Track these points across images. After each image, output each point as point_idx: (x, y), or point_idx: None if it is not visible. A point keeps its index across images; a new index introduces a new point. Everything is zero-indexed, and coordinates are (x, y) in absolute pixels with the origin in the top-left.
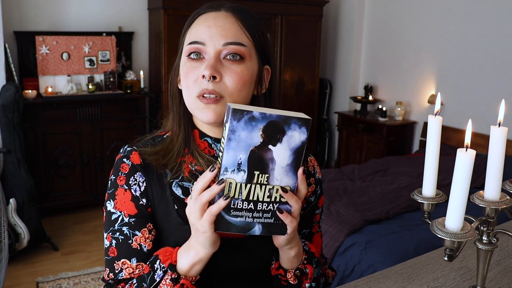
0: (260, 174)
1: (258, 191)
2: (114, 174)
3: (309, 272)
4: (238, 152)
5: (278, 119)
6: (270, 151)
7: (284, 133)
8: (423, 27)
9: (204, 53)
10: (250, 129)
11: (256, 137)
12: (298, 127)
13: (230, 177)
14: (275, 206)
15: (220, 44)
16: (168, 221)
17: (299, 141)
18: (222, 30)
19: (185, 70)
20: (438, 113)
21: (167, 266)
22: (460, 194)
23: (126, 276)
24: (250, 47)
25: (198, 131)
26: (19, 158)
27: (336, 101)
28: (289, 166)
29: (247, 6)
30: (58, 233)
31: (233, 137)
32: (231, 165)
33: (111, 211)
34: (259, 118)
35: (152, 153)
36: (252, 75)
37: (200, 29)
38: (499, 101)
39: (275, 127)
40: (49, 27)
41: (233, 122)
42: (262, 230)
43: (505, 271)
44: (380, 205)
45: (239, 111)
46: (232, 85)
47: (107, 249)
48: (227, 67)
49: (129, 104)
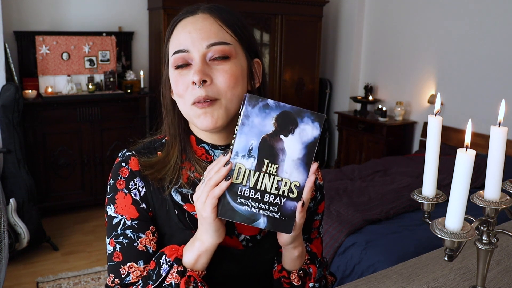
0: (270, 163)
1: (266, 181)
2: (113, 178)
3: (312, 272)
4: (250, 138)
5: (291, 110)
6: (282, 141)
7: (297, 125)
8: (423, 27)
9: (190, 60)
10: (263, 116)
11: (269, 124)
12: (311, 121)
13: (240, 162)
14: (282, 201)
15: (203, 47)
16: (169, 226)
17: (311, 136)
18: (202, 33)
19: (174, 80)
20: (438, 113)
21: (173, 259)
22: (460, 194)
23: (133, 280)
24: (234, 43)
25: (194, 138)
26: (19, 158)
27: (336, 101)
28: (300, 160)
29: (247, 7)
30: (58, 233)
31: (246, 122)
32: (242, 150)
33: (112, 215)
34: (273, 106)
35: (148, 165)
36: (242, 71)
37: (181, 37)
38: (499, 101)
39: (288, 117)
40: (49, 27)
41: (248, 108)
42: (267, 224)
43: (505, 271)
44: (380, 205)
45: (254, 97)
46: (224, 84)
47: (110, 254)
48: (215, 68)
49: (129, 104)
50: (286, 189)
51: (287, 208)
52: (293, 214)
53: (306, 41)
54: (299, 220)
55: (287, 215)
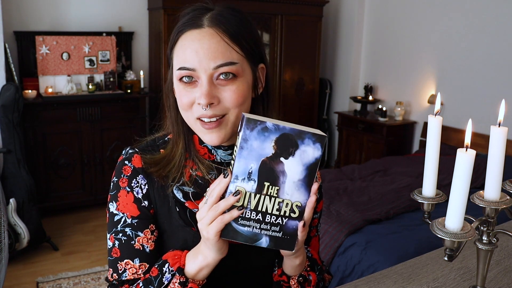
0: (270, 185)
1: (267, 203)
2: (116, 176)
3: (312, 279)
4: (249, 161)
5: (292, 132)
6: (282, 164)
7: (297, 147)
8: (423, 27)
9: (196, 78)
10: (262, 139)
11: (268, 148)
12: (312, 142)
13: (240, 185)
14: (284, 221)
15: (210, 68)
16: (170, 223)
17: (312, 157)
18: (210, 53)
19: (178, 93)
20: (438, 113)
21: (175, 269)
22: (460, 194)
23: (130, 277)
24: (241, 60)
25: (197, 137)
26: (19, 158)
27: (336, 101)
28: (301, 181)
29: (248, 7)
30: (58, 233)
31: (245, 145)
32: (242, 173)
33: (113, 212)
34: (272, 129)
35: (152, 163)
36: (248, 86)
37: (187, 54)
38: (499, 101)
39: (288, 139)
40: (49, 27)
41: (246, 131)
42: (269, 243)
43: (505, 271)
44: (380, 205)
45: (252, 120)
46: (232, 103)
47: (110, 249)
48: (222, 89)
49: (129, 104)
50: (287, 209)
51: (288, 227)
52: (295, 232)
53: (306, 41)
54: (301, 238)
55: (289, 234)
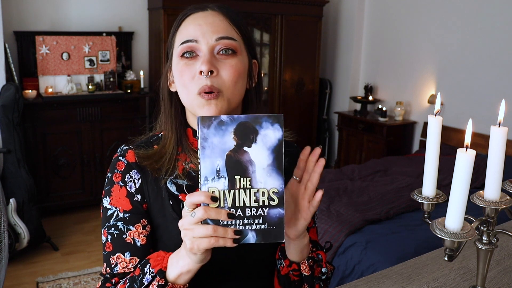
0: (241, 178)
1: (243, 196)
2: (111, 172)
3: (322, 257)
4: (214, 159)
5: (248, 119)
6: (247, 153)
7: (257, 133)
8: (423, 27)
9: (197, 51)
10: (221, 134)
11: (229, 141)
12: (270, 124)
13: (211, 185)
14: (265, 211)
15: (212, 39)
16: (163, 217)
17: (275, 139)
18: (212, 27)
19: (179, 69)
20: (438, 113)
21: (156, 271)
22: (460, 194)
23: (120, 271)
24: (240, 41)
25: (191, 130)
26: (19, 158)
27: (336, 101)
28: (270, 166)
29: (248, 7)
30: (58, 233)
31: (206, 144)
32: (210, 173)
33: (107, 207)
34: (228, 121)
35: (146, 156)
36: (245, 68)
37: (191, 28)
38: (499, 101)
39: (246, 127)
40: (49, 27)
41: (203, 130)
42: (257, 238)
43: (505, 271)
44: (380, 205)
45: (207, 118)
46: (228, 78)
47: (104, 244)
48: (221, 62)
49: (129, 104)
50: (265, 198)
51: (272, 217)
52: (280, 221)
53: (306, 41)
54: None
55: (274, 223)
